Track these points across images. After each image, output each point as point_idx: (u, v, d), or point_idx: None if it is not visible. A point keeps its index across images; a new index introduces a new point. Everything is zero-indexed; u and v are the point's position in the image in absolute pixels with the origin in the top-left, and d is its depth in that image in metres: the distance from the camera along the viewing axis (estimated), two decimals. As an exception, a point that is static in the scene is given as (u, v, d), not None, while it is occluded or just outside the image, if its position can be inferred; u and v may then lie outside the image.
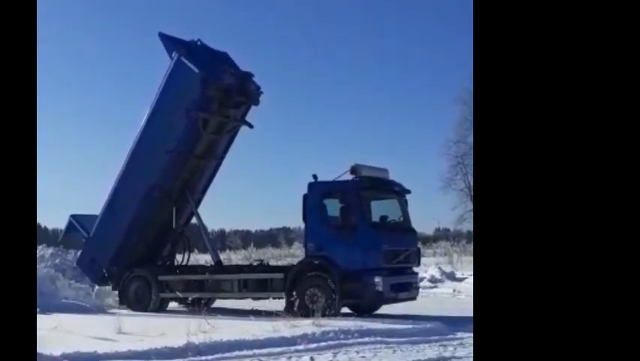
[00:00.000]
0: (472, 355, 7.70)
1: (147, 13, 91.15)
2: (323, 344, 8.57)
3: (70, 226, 15.30)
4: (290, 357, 7.87)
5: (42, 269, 15.31)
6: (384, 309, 12.76)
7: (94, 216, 14.86)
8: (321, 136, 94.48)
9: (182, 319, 10.52)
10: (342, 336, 9.01)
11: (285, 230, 58.11)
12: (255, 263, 14.39)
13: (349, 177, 12.23)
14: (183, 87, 13.28)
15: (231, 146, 14.70)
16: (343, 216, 12.06)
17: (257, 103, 14.13)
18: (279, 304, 12.28)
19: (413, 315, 11.71)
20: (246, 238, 54.56)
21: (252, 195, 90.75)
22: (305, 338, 8.75)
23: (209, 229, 16.09)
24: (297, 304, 11.66)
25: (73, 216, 15.24)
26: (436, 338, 9.26)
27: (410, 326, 10.07)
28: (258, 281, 12.94)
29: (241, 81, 13.75)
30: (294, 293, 11.87)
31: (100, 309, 13.57)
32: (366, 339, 8.90)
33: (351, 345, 8.55)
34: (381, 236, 12.02)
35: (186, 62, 13.19)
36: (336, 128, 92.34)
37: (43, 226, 77.08)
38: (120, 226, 14.11)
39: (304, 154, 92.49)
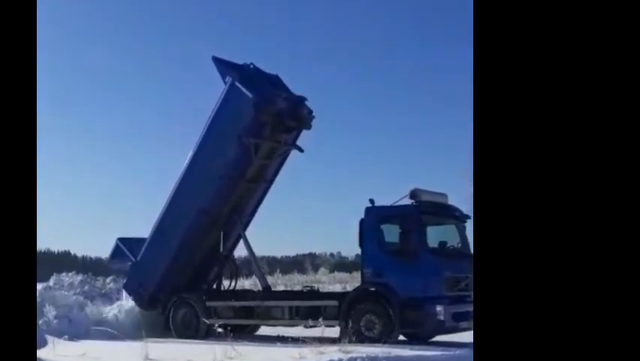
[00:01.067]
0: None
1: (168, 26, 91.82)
2: None
3: (116, 250, 15.01)
4: None
5: (71, 296, 15.28)
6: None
7: (141, 240, 14.64)
8: (345, 161, 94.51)
9: (209, 345, 10.35)
10: None
11: (311, 256, 57.91)
12: (305, 289, 14.00)
13: (407, 201, 11.92)
14: (236, 112, 13.10)
15: (281, 170, 14.49)
16: (403, 241, 11.68)
17: (309, 127, 13.93)
18: (309, 331, 11.74)
19: (442, 341, 11.48)
20: (272, 264, 54.38)
21: (277, 220, 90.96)
22: None
23: (236, 255, 15.51)
24: (351, 331, 11.27)
25: (120, 239, 14.98)
26: None
27: (439, 353, 9.78)
28: (310, 308, 12.52)
29: (294, 105, 13.57)
30: (349, 321, 11.51)
31: (128, 336, 13.18)
32: None
33: None
34: (441, 262, 11.65)
35: (240, 86, 13.01)
36: (361, 153, 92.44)
37: (72, 253, 78.28)
38: (168, 250, 13.91)
39: (330, 178, 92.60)
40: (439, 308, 11.14)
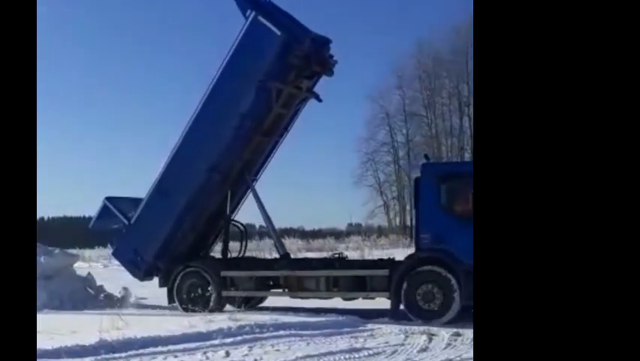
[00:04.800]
0: (381, 346, 7.93)
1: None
2: (239, 338, 8.28)
3: (104, 211, 12.62)
4: (205, 352, 7.51)
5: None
6: (299, 303, 12.05)
7: (132, 200, 12.58)
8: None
9: (95, 316, 10.14)
10: (257, 330, 8.74)
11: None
12: (335, 256, 12.12)
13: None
14: (260, 52, 11.06)
15: (295, 122, 12.59)
16: (468, 203, 9.26)
17: (331, 74, 12.10)
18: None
19: (326, 308, 11.33)
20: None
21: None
22: (221, 333, 8.45)
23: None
24: (405, 304, 10.10)
25: (108, 198, 12.62)
26: (348, 330, 9.11)
27: (323, 319, 9.82)
28: (353, 279, 10.85)
29: (320, 47, 11.65)
30: (401, 292, 10.12)
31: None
32: (281, 332, 8.68)
33: (266, 339, 8.32)
34: None
35: (265, 22, 10.90)
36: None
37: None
38: (170, 213, 11.84)
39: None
40: None
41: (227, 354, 7.52)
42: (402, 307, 10.36)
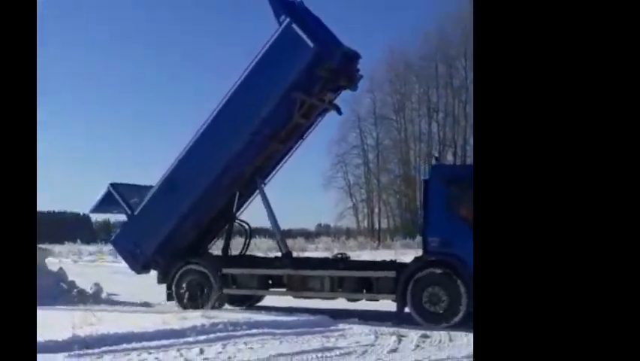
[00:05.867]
0: (352, 345, 8.07)
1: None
2: (212, 335, 8.33)
3: (107, 197, 12.21)
4: (179, 349, 7.52)
5: None
6: (272, 301, 12.43)
7: (137, 188, 12.41)
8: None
9: (67, 312, 10.04)
10: (231, 328, 8.78)
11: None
12: (337, 257, 12.00)
13: None
14: (290, 61, 10.80)
15: (311, 132, 12.47)
16: None
17: (356, 89, 12.07)
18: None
19: (298, 307, 11.45)
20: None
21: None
22: (194, 330, 8.45)
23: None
24: (411, 306, 10.10)
25: (113, 185, 12.26)
26: (320, 329, 9.22)
27: (295, 318, 9.94)
28: (359, 280, 10.77)
29: (349, 61, 11.55)
30: (407, 295, 10.10)
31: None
32: (254, 331, 8.74)
33: (239, 337, 8.37)
34: None
35: (299, 30, 10.60)
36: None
37: None
38: (177, 209, 11.60)
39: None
40: None
41: (202, 351, 7.53)
42: (407, 310, 10.40)
